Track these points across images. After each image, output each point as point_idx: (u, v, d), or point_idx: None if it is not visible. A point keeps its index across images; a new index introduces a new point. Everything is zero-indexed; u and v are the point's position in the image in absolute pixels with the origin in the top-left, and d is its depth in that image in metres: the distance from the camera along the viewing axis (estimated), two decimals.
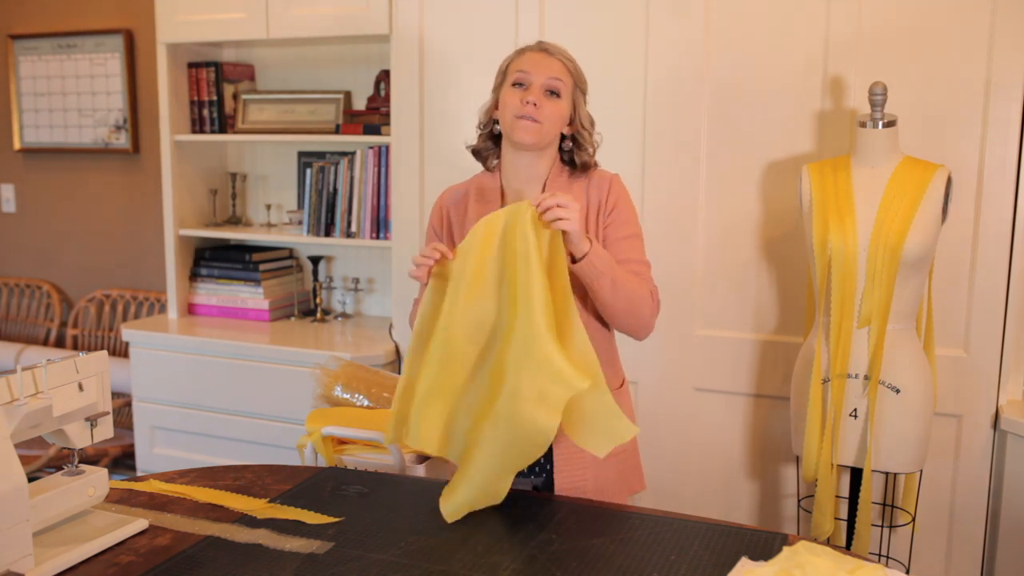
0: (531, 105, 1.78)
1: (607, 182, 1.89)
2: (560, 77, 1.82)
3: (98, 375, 1.60)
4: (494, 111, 1.89)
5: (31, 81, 4.22)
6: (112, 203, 4.20)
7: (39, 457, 3.69)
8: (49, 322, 4.33)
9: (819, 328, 2.34)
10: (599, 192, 1.87)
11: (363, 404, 2.39)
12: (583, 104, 1.88)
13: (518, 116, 1.80)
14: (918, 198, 2.23)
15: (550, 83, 1.81)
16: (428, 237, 1.99)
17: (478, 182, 1.95)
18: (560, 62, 1.83)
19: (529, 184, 1.89)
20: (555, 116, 1.82)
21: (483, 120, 1.93)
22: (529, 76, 1.81)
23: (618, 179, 1.91)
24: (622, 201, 1.89)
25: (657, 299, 1.89)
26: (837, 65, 2.50)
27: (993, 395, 2.47)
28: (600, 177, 1.90)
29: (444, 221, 1.95)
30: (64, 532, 1.55)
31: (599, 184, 1.88)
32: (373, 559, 1.50)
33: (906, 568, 2.50)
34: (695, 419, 2.77)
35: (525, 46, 1.88)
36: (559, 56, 1.83)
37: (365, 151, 3.27)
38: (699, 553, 1.52)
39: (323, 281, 3.58)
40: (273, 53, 3.61)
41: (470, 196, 1.93)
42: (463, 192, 1.95)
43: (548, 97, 1.81)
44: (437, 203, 1.98)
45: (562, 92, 1.82)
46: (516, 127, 1.81)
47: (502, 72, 1.88)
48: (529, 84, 1.81)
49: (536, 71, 1.81)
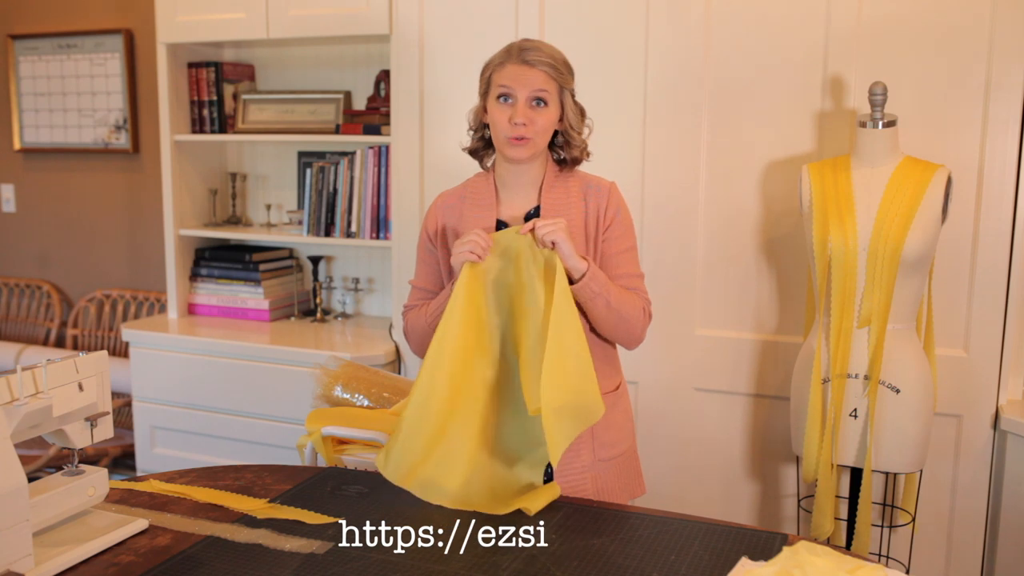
0: (520, 125, 1.78)
1: (605, 191, 1.89)
2: (543, 87, 1.80)
3: (98, 375, 1.60)
4: (484, 115, 1.89)
5: (31, 81, 4.22)
6: (112, 203, 4.20)
7: (39, 457, 3.69)
8: (49, 322, 4.33)
9: (819, 328, 2.34)
10: (597, 200, 1.87)
11: (363, 404, 2.39)
12: (571, 100, 1.86)
13: (508, 136, 1.80)
14: (918, 198, 2.23)
15: (535, 94, 1.80)
16: (421, 240, 1.99)
17: (472, 185, 1.95)
18: (541, 72, 1.79)
19: (524, 189, 1.90)
20: (545, 126, 1.82)
21: (473, 124, 1.93)
22: (513, 91, 1.79)
23: (616, 188, 1.91)
24: (621, 212, 1.89)
25: (649, 312, 1.91)
26: (837, 65, 2.50)
27: (993, 395, 2.47)
28: (598, 185, 1.90)
29: (438, 227, 1.95)
30: (64, 532, 1.55)
31: (597, 192, 1.88)
32: (373, 559, 1.50)
33: (906, 568, 2.50)
34: (695, 419, 2.77)
35: (507, 52, 1.83)
36: (540, 65, 1.80)
37: (365, 151, 3.27)
38: (699, 553, 1.52)
39: (323, 281, 3.58)
40: (273, 53, 3.61)
41: (465, 200, 1.93)
42: (457, 197, 1.95)
43: (535, 108, 1.80)
44: (431, 209, 1.98)
45: (548, 99, 1.81)
46: (507, 147, 1.82)
47: (485, 80, 1.86)
48: (514, 99, 1.80)
49: (519, 86, 1.79)
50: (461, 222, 1.91)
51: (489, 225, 1.88)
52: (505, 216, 1.90)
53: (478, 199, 1.91)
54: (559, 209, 1.87)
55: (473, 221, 1.89)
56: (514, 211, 1.90)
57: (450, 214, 1.94)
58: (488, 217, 1.89)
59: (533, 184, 1.90)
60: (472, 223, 1.88)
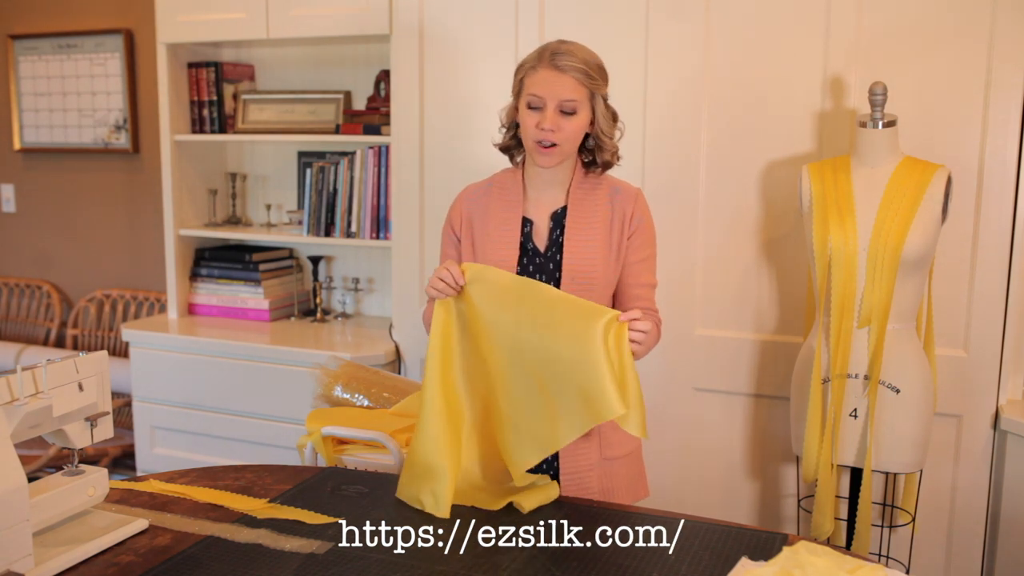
0: (547, 132, 1.79)
1: (632, 197, 1.91)
2: (573, 96, 1.79)
3: (98, 375, 1.60)
4: (515, 114, 1.89)
5: (31, 81, 4.22)
6: (112, 203, 4.20)
7: (39, 457, 3.69)
8: (49, 322, 4.33)
9: (819, 328, 2.34)
10: (623, 207, 1.90)
11: (363, 404, 2.39)
12: (602, 105, 1.86)
13: (536, 141, 1.81)
14: (918, 198, 2.23)
15: (563, 104, 1.79)
16: (445, 234, 2.00)
17: (499, 180, 1.97)
18: (572, 78, 1.79)
19: (551, 189, 1.92)
20: (573, 134, 1.82)
21: (505, 123, 1.94)
22: (543, 100, 1.79)
23: (642, 195, 1.94)
24: (645, 221, 1.92)
25: (660, 329, 1.91)
26: (837, 65, 2.50)
27: (993, 395, 2.47)
28: (626, 191, 1.92)
29: (462, 217, 1.96)
30: (64, 532, 1.55)
31: (624, 199, 1.90)
32: (373, 559, 1.50)
33: (906, 568, 2.50)
34: (695, 419, 2.77)
35: (540, 55, 1.82)
36: (571, 71, 1.79)
37: (365, 151, 3.27)
38: (699, 553, 1.52)
39: (323, 281, 3.58)
40: (273, 53, 3.61)
41: (492, 191, 1.95)
42: (484, 188, 1.97)
43: (563, 117, 1.80)
44: (456, 202, 1.99)
45: (577, 108, 1.80)
46: (536, 152, 1.83)
47: (518, 82, 1.86)
48: (543, 107, 1.79)
49: (548, 94, 1.79)
50: (487, 215, 1.92)
51: (515, 221, 1.89)
52: (531, 214, 1.92)
53: (505, 194, 1.93)
54: (586, 210, 1.88)
55: (499, 216, 1.90)
56: (540, 210, 1.92)
57: (475, 207, 1.95)
58: (514, 214, 1.90)
59: (561, 184, 1.91)
60: (498, 218, 1.90)
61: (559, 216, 1.90)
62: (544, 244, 1.90)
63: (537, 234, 1.90)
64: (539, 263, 1.89)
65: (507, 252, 1.88)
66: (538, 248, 1.89)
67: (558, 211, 1.91)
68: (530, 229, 1.90)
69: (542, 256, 1.89)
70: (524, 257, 1.89)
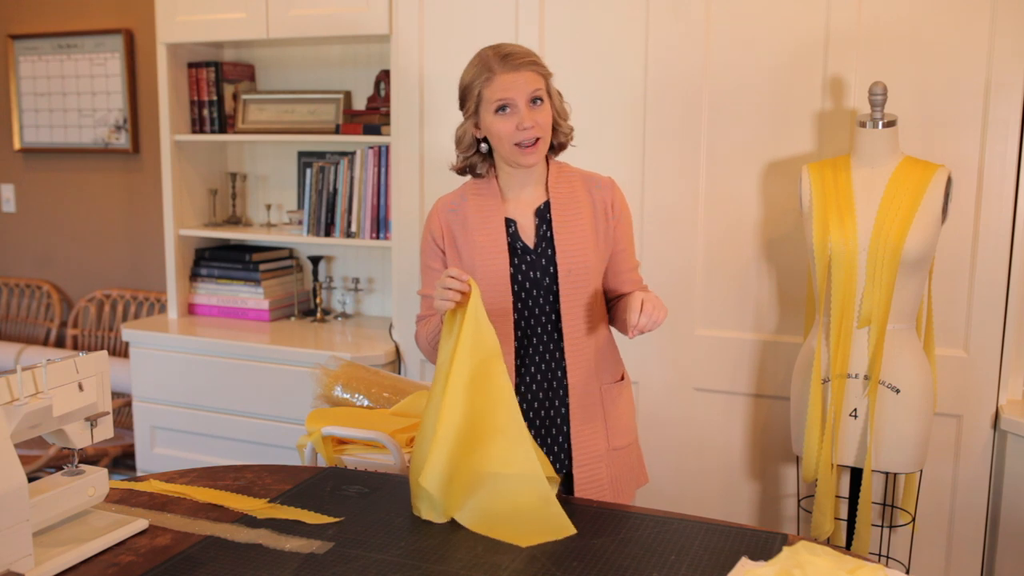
0: (528, 129, 1.80)
1: (608, 186, 1.95)
2: (537, 85, 1.83)
3: (98, 375, 1.60)
4: (476, 131, 1.89)
5: (31, 81, 4.22)
6: (112, 203, 4.20)
7: (39, 457, 3.69)
8: (49, 322, 4.33)
9: (819, 328, 2.34)
10: (603, 196, 1.94)
11: (363, 404, 2.39)
12: (555, 89, 1.90)
13: (517, 143, 1.82)
14: (918, 198, 2.23)
15: (532, 95, 1.82)
16: (426, 246, 1.98)
17: (473, 187, 1.96)
18: (529, 72, 1.82)
19: (529, 186, 1.93)
20: (547, 121, 1.85)
21: (467, 143, 1.91)
22: (513, 99, 1.81)
23: (615, 183, 1.98)
24: (625, 208, 1.98)
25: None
26: (837, 65, 2.50)
27: (993, 395, 2.47)
28: (602, 181, 1.96)
29: (443, 230, 1.95)
30: (64, 532, 1.55)
31: (602, 188, 1.94)
32: (373, 559, 1.50)
33: (906, 568, 2.50)
34: (695, 419, 2.77)
35: (487, 65, 1.82)
36: (526, 66, 1.82)
37: (365, 151, 3.27)
38: (699, 553, 1.52)
39: (323, 281, 3.58)
40: (273, 53, 3.61)
41: (467, 201, 1.94)
42: (458, 198, 1.96)
43: (536, 108, 1.82)
44: (433, 213, 1.98)
45: (543, 95, 1.84)
46: (519, 155, 1.83)
47: (475, 96, 1.84)
48: (515, 106, 1.81)
49: (517, 93, 1.80)
50: (468, 223, 1.91)
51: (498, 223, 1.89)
52: (512, 214, 1.91)
53: (482, 200, 1.92)
54: (568, 203, 1.90)
55: (481, 222, 1.90)
56: (522, 208, 1.92)
57: (454, 217, 1.94)
58: (496, 216, 1.90)
59: (538, 180, 1.93)
60: (481, 224, 1.89)
61: (543, 211, 1.91)
62: (532, 241, 1.90)
63: (523, 232, 1.90)
64: (531, 260, 1.89)
65: (497, 255, 1.87)
66: (527, 246, 1.89)
67: (540, 207, 1.91)
68: (515, 229, 1.90)
69: (533, 253, 1.89)
70: (515, 257, 1.89)
